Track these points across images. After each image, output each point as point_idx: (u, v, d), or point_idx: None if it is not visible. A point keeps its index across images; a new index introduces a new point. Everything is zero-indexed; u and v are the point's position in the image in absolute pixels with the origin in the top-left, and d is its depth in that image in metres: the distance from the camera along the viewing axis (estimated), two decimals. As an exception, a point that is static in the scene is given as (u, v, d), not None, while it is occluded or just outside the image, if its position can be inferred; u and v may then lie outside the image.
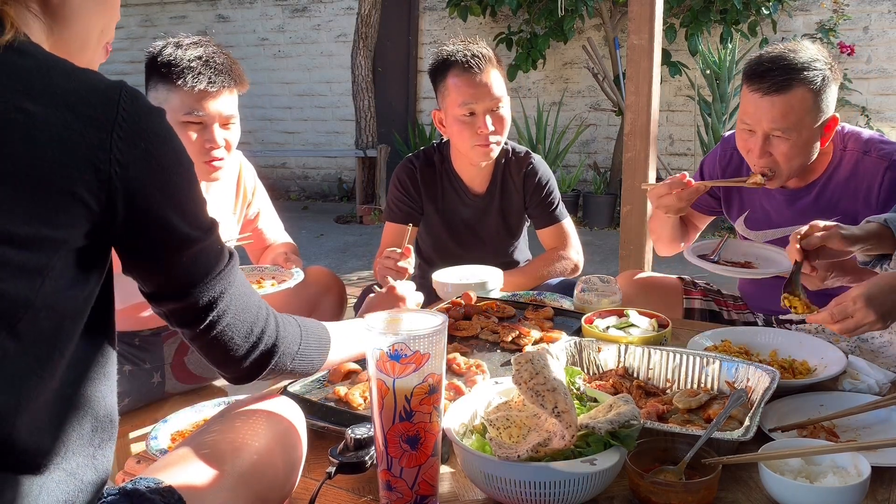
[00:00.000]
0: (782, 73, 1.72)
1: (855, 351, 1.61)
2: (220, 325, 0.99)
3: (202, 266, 0.96)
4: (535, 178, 2.36)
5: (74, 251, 0.84)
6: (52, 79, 0.83)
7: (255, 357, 1.04)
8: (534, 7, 6.56)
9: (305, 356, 1.12)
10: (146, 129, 0.86)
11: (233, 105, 1.89)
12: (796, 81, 1.72)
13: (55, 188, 0.80)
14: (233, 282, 1.01)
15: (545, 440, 0.99)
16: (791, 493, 1.02)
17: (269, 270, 2.07)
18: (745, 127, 1.82)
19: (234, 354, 1.02)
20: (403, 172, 2.39)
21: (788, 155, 1.78)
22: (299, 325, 1.12)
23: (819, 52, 1.77)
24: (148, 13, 8.86)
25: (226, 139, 1.88)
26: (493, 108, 2.19)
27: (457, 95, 2.17)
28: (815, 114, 1.75)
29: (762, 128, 1.77)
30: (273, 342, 1.05)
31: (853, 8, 6.09)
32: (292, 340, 1.09)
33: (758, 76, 1.76)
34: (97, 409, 0.89)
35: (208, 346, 1.01)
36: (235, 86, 1.88)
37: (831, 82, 1.76)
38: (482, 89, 2.16)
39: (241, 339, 1.02)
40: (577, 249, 2.40)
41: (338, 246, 6.21)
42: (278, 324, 1.07)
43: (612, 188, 6.62)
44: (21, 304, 0.79)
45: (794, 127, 1.74)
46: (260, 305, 1.05)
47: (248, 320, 1.02)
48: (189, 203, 0.93)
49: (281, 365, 1.08)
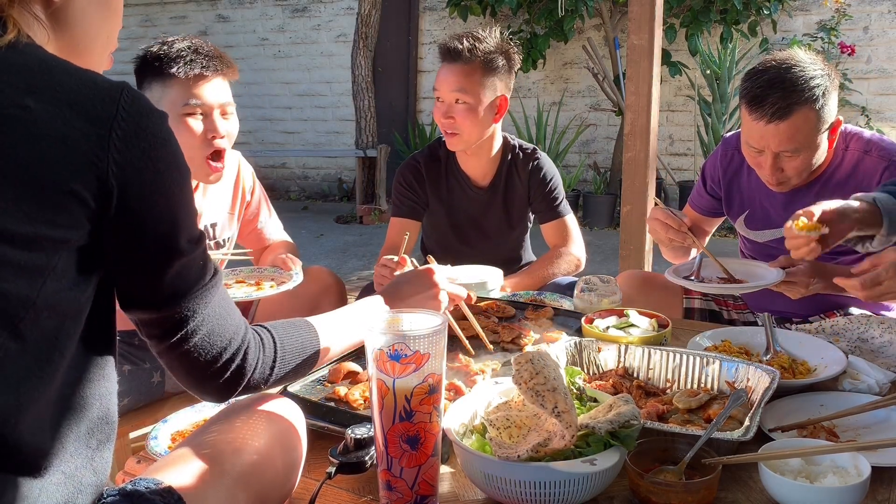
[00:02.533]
0: (782, 99, 1.70)
1: (855, 351, 1.61)
2: (190, 342, 0.95)
3: (184, 278, 0.93)
4: (540, 173, 2.39)
5: (76, 251, 0.83)
6: (53, 76, 0.83)
7: (222, 380, 0.99)
8: (534, 7, 6.56)
9: (282, 374, 1.08)
10: (145, 130, 0.85)
11: (228, 92, 1.90)
12: (797, 105, 1.70)
13: (55, 186, 0.80)
14: (211, 301, 0.97)
15: (545, 440, 0.99)
16: (791, 493, 1.02)
17: (268, 272, 2.07)
18: (752, 149, 1.81)
19: (200, 374, 0.98)
20: (407, 169, 2.42)
21: (800, 168, 1.79)
22: (274, 343, 1.07)
23: (813, 63, 1.74)
24: (148, 13, 8.86)
25: (227, 130, 1.89)
26: (458, 101, 2.20)
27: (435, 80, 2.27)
28: (819, 126, 1.75)
29: (771, 150, 1.77)
30: (243, 367, 1.00)
31: (853, 8, 6.09)
32: (263, 366, 1.04)
33: (757, 103, 1.72)
34: (97, 410, 0.89)
35: (176, 361, 0.97)
36: (228, 71, 1.89)
37: (831, 91, 1.75)
38: (449, 79, 2.21)
39: (209, 360, 0.97)
40: (579, 245, 2.41)
41: (338, 246, 6.21)
42: (250, 348, 1.02)
43: (612, 188, 6.62)
44: (22, 305, 0.79)
45: (803, 146, 1.74)
46: (237, 329, 1.00)
47: (220, 342, 0.98)
48: (180, 211, 0.91)
49: (252, 388, 1.04)
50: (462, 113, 2.21)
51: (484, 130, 2.27)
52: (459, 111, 2.21)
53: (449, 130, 2.25)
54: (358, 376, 1.40)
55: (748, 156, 1.87)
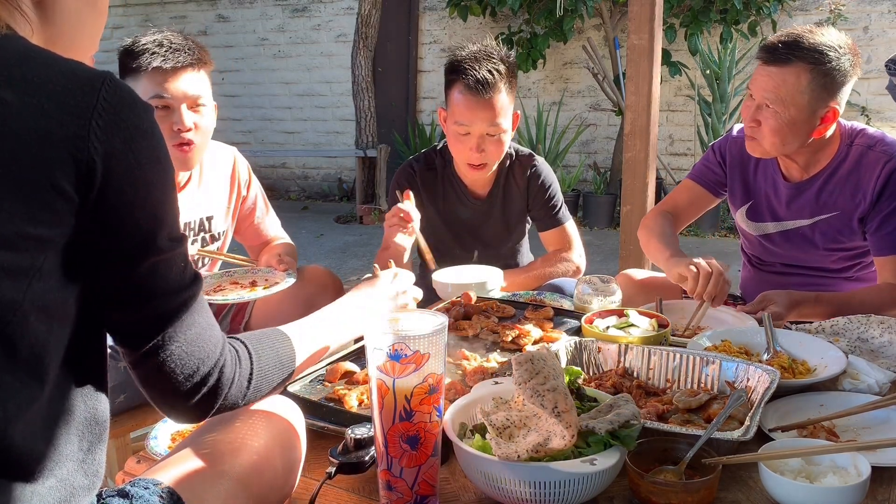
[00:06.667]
0: (787, 48, 1.77)
1: (855, 351, 1.61)
2: (167, 350, 0.90)
3: (160, 278, 0.89)
4: (538, 181, 2.36)
5: (61, 250, 0.80)
6: (32, 68, 0.80)
7: (197, 399, 0.94)
8: (534, 7, 6.56)
9: (259, 389, 1.03)
10: (126, 121, 0.82)
11: (199, 86, 1.88)
12: (797, 58, 1.76)
13: (36, 182, 0.77)
14: (189, 308, 0.92)
15: (545, 440, 0.99)
16: (791, 493, 1.02)
17: (262, 273, 2.08)
18: (748, 92, 1.89)
19: (174, 391, 0.92)
20: (403, 176, 2.38)
21: (771, 128, 1.83)
22: (250, 357, 1.02)
23: (839, 41, 1.80)
24: (148, 13, 8.86)
25: (195, 122, 1.88)
26: (491, 133, 2.15)
27: (457, 111, 2.15)
28: (809, 95, 1.77)
29: (758, 95, 1.83)
30: (219, 383, 0.95)
31: (853, 8, 6.09)
32: (240, 381, 0.99)
33: (766, 48, 1.82)
34: (89, 412, 0.88)
35: (149, 374, 0.92)
36: (197, 64, 1.88)
37: (844, 74, 1.78)
38: (481, 115, 2.12)
39: (185, 374, 0.92)
40: (579, 252, 2.40)
41: (338, 246, 6.21)
42: (227, 364, 0.97)
43: (612, 188, 6.62)
44: (9, 308, 0.76)
45: (783, 101, 1.78)
46: (216, 345, 0.95)
47: (197, 356, 0.92)
48: (160, 207, 0.87)
49: (227, 406, 0.99)
50: (495, 143, 2.17)
51: (505, 150, 2.25)
52: (492, 142, 2.17)
53: (477, 163, 2.20)
54: (354, 376, 1.40)
55: (743, 106, 1.93)
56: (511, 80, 2.16)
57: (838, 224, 1.93)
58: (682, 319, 1.83)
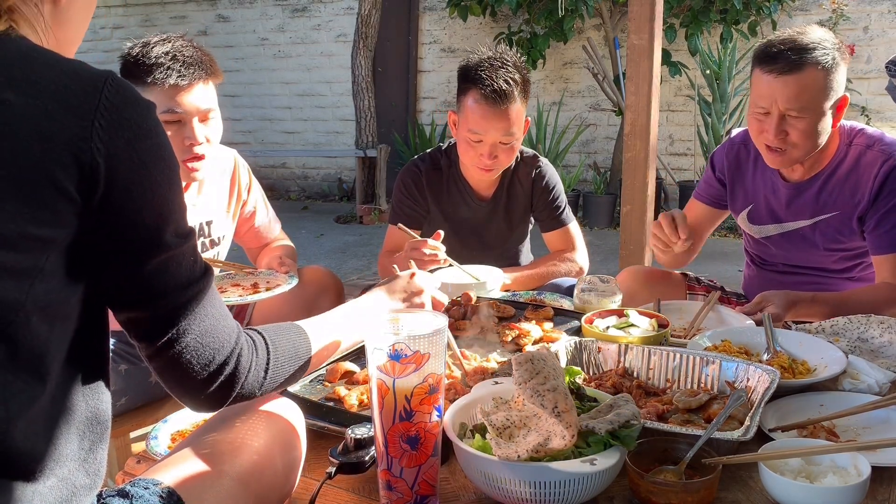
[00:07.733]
0: (794, 53, 1.76)
1: (855, 351, 1.61)
2: (181, 343, 0.91)
3: (170, 275, 0.89)
4: (543, 182, 2.36)
5: (64, 251, 0.80)
6: (34, 68, 0.80)
7: (216, 385, 0.95)
8: (534, 7, 6.56)
9: (276, 379, 1.04)
10: (129, 120, 0.82)
11: (209, 98, 1.87)
12: (808, 61, 1.76)
13: (39, 182, 0.77)
14: (201, 300, 0.93)
15: (545, 440, 0.99)
16: (791, 493, 1.02)
17: (263, 275, 2.08)
18: (760, 110, 1.84)
19: (192, 379, 0.93)
20: (408, 176, 2.38)
21: (804, 134, 1.81)
22: (267, 347, 1.03)
23: (826, 34, 1.82)
24: (148, 13, 8.86)
25: (206, 135, 1.87)
26: (504, 142, 2.15)
27: (470, 119, 2.14)
28: (826, 93, 1.79)
29: (777, 108, 1.80)
30: (236, 371, 0.97)
31: (853, 8, 6.09)
32: (257, 369, 1.00)
33: (770, 58, 1.79)
34: (90, 412, 0.88)
35: (166, 364, 0.93)
36: (209, 77, 1.86)
37: (840, 63, 1.80)
38: (497, 125, 2.11)
39: (202, 363, 0.93)
40: (582, 253, 2.40)
41: (338, 246, 6.21)
42: (244, 352, 0.98)
43: (612, 188, 6.62)
44: (11, 308, 0.76)
45: (809, 106, 1.78)
46: (231, 331, 0.97)
47: (213, 344, 0.94)
48: (166, 205, 0.87)
49: (245, 395, 1.00)
50: (507, 151, 2.18)
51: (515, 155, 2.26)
52: (504, 150, 2.17)
53: (487, 169, 2.20)
54: (354, 376, 1.40)
55: (753, 124, 1.88)
56: (525, 88, 2.16)
57: (838, 224, 1.94)
58: (680, 319, 1.84)
